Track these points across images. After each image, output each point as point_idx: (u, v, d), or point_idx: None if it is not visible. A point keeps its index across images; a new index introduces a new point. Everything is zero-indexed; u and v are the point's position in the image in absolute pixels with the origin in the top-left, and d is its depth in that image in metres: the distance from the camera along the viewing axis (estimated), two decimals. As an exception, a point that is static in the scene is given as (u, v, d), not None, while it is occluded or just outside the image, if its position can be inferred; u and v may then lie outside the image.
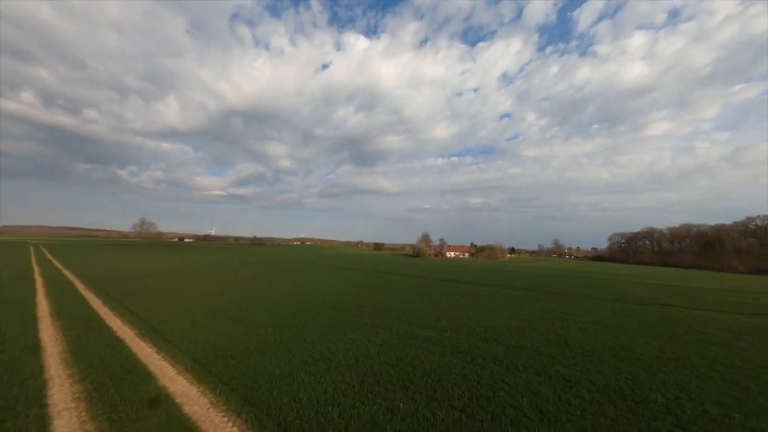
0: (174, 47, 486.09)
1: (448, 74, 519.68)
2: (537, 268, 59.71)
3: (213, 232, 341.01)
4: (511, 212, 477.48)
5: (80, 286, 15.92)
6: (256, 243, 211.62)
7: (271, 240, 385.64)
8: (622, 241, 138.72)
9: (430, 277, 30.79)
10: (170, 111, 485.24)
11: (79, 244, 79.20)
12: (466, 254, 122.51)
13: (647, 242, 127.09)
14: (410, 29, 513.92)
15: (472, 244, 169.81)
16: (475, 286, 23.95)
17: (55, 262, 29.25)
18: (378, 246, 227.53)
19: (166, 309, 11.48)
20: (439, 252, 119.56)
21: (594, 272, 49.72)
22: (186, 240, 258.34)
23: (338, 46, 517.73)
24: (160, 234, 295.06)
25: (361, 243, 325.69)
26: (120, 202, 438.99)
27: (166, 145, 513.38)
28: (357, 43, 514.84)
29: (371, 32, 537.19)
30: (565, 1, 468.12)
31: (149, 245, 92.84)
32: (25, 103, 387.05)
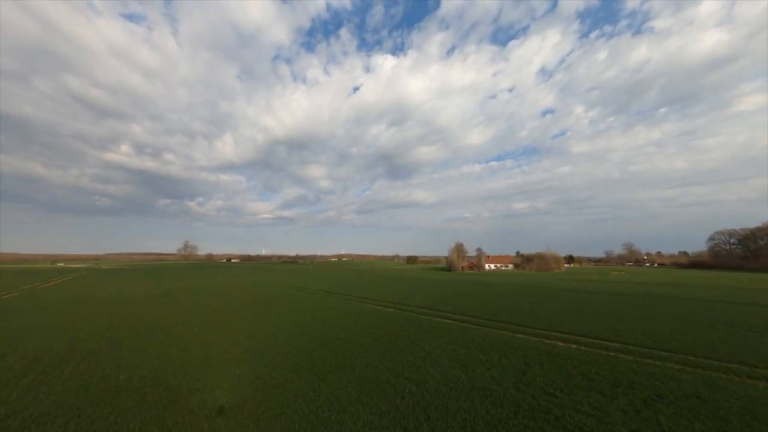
0: (228, 92, 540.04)
1: (479, 78, 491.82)
2: (617, 283, 37.68)
3: (263, 252, 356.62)
4: (563, 215, 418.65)
5: None
6: (288, 261, 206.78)
7: (313, 257, 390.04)
8: (732, 241, 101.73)
9: (431, 310, 17.65)
10: (227, 147, 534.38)
11: (171, 268, 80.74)
12: (510, 266, 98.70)
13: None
14: (436, 41, 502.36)
15: (517, 253, 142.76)
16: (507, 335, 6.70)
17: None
18: (411, 259, 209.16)
19: None
20: (474, 264, 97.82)
21: (724, 286, 27.33)
22: (233, 260, 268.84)
23: (367, 69, 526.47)
24: (210, 255, 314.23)
25: (397, 257, 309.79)
26: (191, 230, 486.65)
27: (224, 177, 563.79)
28: (385, 62, 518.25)
29: (398, 50, 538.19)
30: None
31: (207, 267, 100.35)
32: (123, 154, 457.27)
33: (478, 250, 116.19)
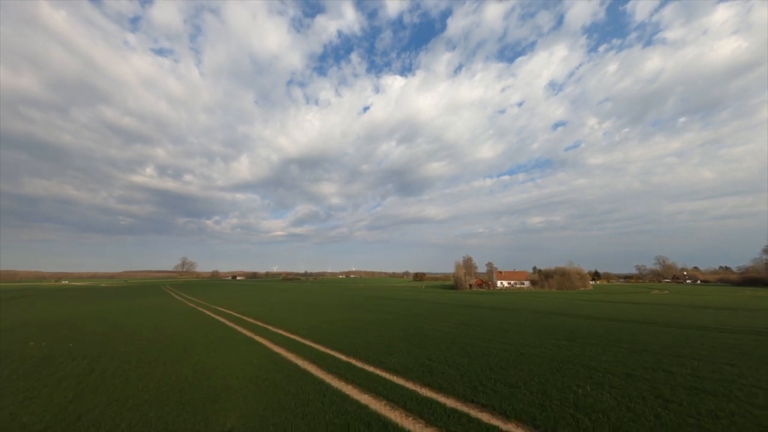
0: (246, 116, 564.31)
1: (487, 94, 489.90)
2: (673, 307, 25.54)
3: (275, 269, 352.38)
4: (583, 230, 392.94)
5: None
6: (289, 279, 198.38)
7: (321, 274, 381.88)
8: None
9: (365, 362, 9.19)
10: (243, 167, 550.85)
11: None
12: (526, 283, 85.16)
13: None
14: (443, 60, 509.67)
15: (534, 269, 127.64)
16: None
17: None
18: (418, 276, 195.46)
19: None
20: (483, 282, 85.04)
21: None
22: (238, 278, 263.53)
23: (377, 89, 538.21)
24: (216, 273, 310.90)
25: (407, 273, 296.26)
26: (207, 247, 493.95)
27: (239, 196, 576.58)
28: (394, 83, 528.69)
29: (406, 70, 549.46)
30: None
31: (209, 284, 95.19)
32: (147, 176, 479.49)
33: (489, 265, 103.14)
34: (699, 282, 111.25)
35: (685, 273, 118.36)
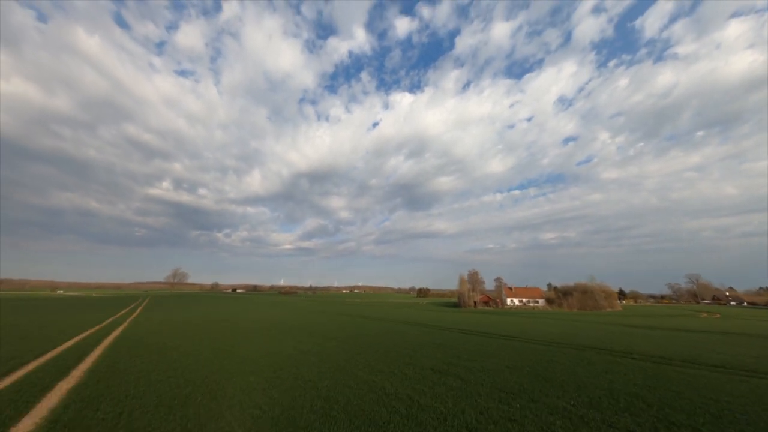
0: (259, 132, 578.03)
1: (495, 109, 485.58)
2: (755, 336, 15.27)
3: (282, 282, 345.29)
4: (600, 247, 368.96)
5: None
6: (284, 293, 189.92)
7: (326, 289, 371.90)
8: None
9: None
10: (255, 181, 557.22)
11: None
12: (540, 301, 73.19)
13: None
14: (451, 77, 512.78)
15: (550, 286, 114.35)
16: None
17: None
18: (423, 292, 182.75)
19: None
20: (490, 299, 73.71)
21: None
22: (239, 291, 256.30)
23: (386, 105, 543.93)
24: (216, 285, 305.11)
25: (413, 289, 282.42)
26: (217, 260, 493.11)
27: (250, 209, 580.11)
28: (403, 100, 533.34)
29: (415, 87, 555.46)
30: (621, 14, 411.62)
31: (198, 297, 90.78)
32: (163, 189, 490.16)
33: (498, 280, 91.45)
34: (745, 304, 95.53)
35: (727, 294, 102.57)
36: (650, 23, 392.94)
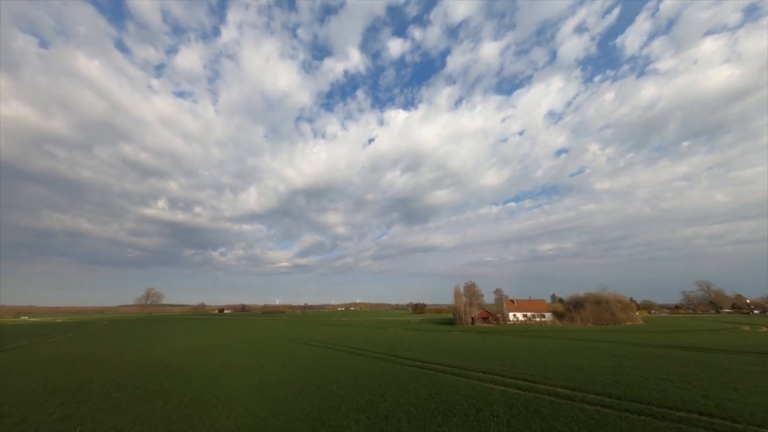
0: (256, 149, 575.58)
1: (488, 124, 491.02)
2: None
3: (277, 301, 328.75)
4: (597, 257, 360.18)
5: None
6: (268, 312, 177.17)
7: (322, 307, 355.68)
8: None
9: None
10: (251, 198, 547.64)
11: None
12: (546, 315, 63.16)
13: None
14: (444, 94, 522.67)
15: (554, 297, 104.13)
16: None
17: None
18: (419, 308, 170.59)
19: None
20: (489, 314, 63.57)
21: None
22: (226, 311, 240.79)
23: (381, 122, 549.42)
24: (203, 305, 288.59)
25: (410, 305, 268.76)
26: (211, 279, 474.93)
27: (246, 227, 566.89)
28: (397, 116, 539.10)
29: (409, 104, 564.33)
30: (603, 33, 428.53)
31: (196, 319, 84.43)
32: (159, 208, 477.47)
33: (498, 292, 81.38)
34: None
35: (747, 301, 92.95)
36: (630, 41, 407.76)
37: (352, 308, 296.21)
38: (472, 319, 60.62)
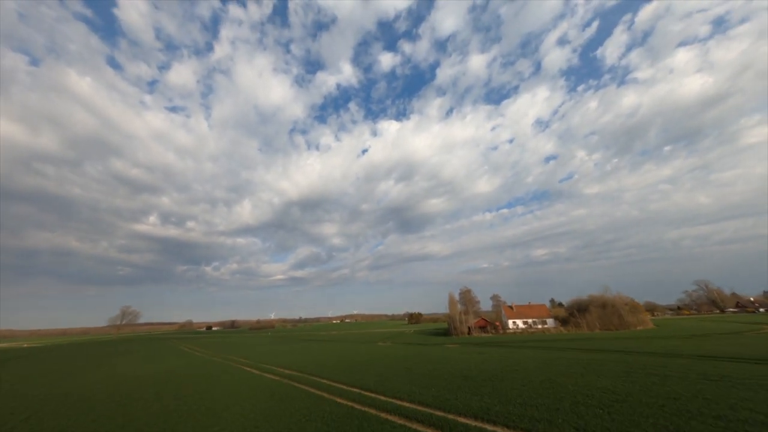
0: (249, 162, 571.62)
1: (478, 133, 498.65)
2: None
3: (272, 316, 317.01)
4: (590, 260, 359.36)
5: None
6: (255, 328, 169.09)
7: (317, 320, 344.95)
8: None
9: None
10: (245, 211, 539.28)
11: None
12: (549, 321, 58.19)
13: None
14: (435, 105, 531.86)
15: (553, 302, 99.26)
16: None
17: None
18: (414, 317, 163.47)
19: None
20: (487, 323, 58.37)
21: None
22: (214, 328, 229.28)
23: (374, 133, 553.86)
24: (190, 323, 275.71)
25: (407, 315, 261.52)
26: (204, 295, 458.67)
27: (240, 240, 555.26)
28: (390, 127, 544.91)
29: (401, 115, 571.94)
30: (584, 44, 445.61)
31: (169, 339, 77.21)
32: (150, 224, 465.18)
33: (495, 298, 76.36)
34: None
35: (752, 299, 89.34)
36: (610, 52, 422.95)
37: (347, 320, 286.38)
38: (469, 328, 55.26)
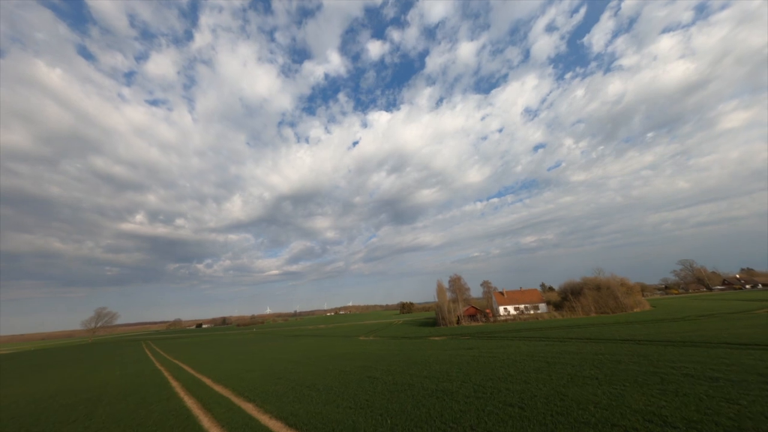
0: (238, 157, 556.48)
1: (468, 123, 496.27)
2: None
3: (268, 311, 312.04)
4: (576, 246, 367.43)
5: None
6: (243, 324, 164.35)
7: (312, 313, 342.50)
8: None
9: None
10: (235, 207, 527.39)
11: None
12: (541, 306, 55.12)
13: None
14: (425, 95, 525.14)
15: (544, 287, 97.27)
16: None
17: None
18: (406, 307, 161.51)
19: None
20: (477, 311, 54.88)
21: None
22: (204, 326, 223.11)
23: (364, 124, 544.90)
24: (179, 321, 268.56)
25: (400, 305, 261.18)
26: (197, 293, 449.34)
27: (232, 237, 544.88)
28: (380, 118, 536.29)
29: (391, 105, 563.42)
30: (571, 31, 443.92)
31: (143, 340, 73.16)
32: (137, 223, 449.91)
33: (485, 284, 73.16)
34: (760, 286, 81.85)
35: (737, 276, 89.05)
36: (597, 39, 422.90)
37: (341, 312, 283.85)
38: (458, 317, 51.61)
